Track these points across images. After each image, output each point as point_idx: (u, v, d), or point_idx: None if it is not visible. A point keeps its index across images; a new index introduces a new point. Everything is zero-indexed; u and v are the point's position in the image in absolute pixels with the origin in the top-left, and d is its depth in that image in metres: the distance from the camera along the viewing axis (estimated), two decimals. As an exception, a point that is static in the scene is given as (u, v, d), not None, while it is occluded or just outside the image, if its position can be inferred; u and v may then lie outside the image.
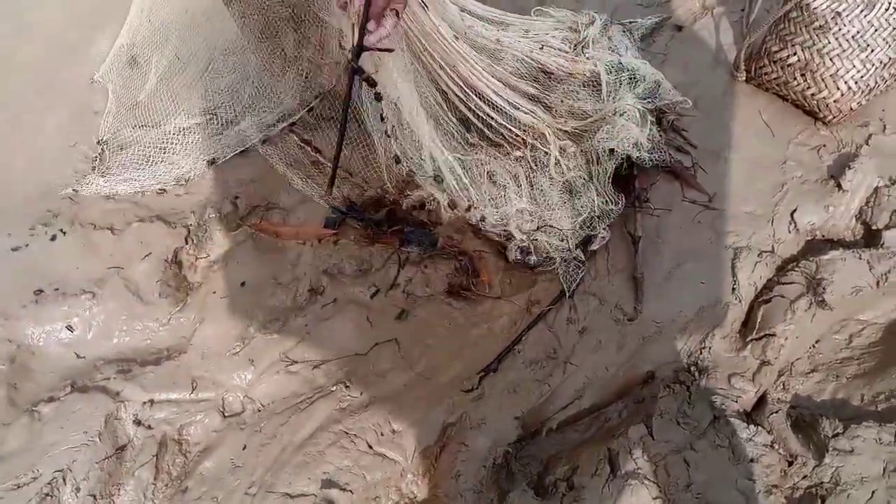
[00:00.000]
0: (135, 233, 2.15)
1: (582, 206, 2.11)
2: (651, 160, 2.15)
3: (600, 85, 2.27)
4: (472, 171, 2.15)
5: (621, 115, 2.15)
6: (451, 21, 2.04)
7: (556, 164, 2.15)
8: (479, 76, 2.07)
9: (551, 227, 2.09)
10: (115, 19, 2.68)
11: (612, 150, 2.12)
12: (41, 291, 2.03)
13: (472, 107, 2.12)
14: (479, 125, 2.18)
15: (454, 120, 2.18)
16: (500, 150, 2.21)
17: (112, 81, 2.47)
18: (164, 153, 2.28)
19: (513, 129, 2.18)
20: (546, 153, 2.17)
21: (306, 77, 2.18)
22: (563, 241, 2.08)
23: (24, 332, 1.98)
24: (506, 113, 2.16)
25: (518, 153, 2.19)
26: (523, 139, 2.19)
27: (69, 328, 2.00)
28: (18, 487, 1.75)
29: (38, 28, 2.69)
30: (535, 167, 2.18)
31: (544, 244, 2.07)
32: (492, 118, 2.15)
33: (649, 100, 2.26)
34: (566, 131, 2.22)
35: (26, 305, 2.01)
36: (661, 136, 2.23)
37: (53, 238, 2.13)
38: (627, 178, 2.21)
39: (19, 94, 2.49)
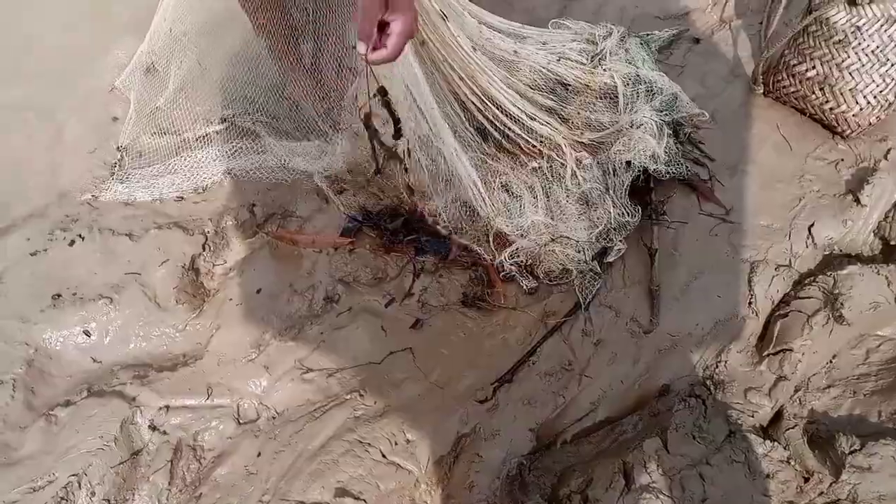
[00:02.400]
0: (153, 239, 2.16)
1: (598, 218, 2.11)
2: (668, 173, 2.15)
3: (617, 97, 2.27)
4: (489, 182, 2.16)
5: (638, 127, 2.16)
6: (470, 33, 2.05)
7: (572, 175, 2.15)
8: (497, 87, 2.07)
9: (567, 238, 2.08)
10: (130, 30, 2.69)
11: (628, 163, 2.12)
12: (59, 296, 2.05)
13: (490, 117, 2.13)
14: (497, 135, 2.18)
15: (471, 130, 2.18)
16: (517, 161, 2.21)
17: (133, 88, 2.48)
18: (183, 161, 2.30)
19: (530, 139, 2.18)
20: (563, 164, 2.17)
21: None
22: (579, 252, 2.08)
23: (42, 336, 1.99)
24: (523, 124, 2.16)
25: (534, 164, 2.19)
26: (540, 150, 2.20)
27: (86, 333, 2.01)
28: (34, 491, 1.76)
29: (54, 39, 2.72)
30: (551, 178, 2.18)
31: (560, 255, 2.07)
32: (509, 129, 2.16)
33: (666, 112, 2.26)
34: (583, 143, 2.22)
35: (44, 310, 2.02)
36: (677, 148, 2.23)
37: (72, 243, 2.15)
38: (644, 190, 2.21)
39: (38, 102, 2.51)
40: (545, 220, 2.10)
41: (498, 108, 2.12)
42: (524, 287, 2.06)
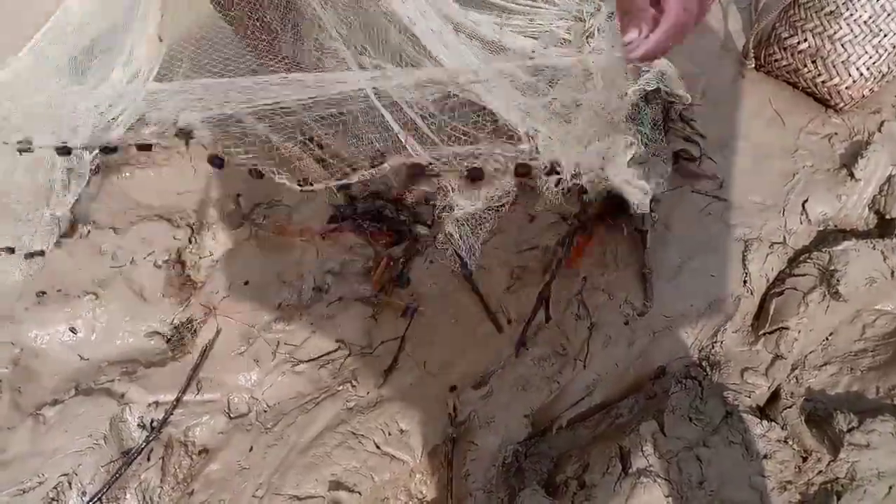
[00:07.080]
0: (137, 232, 2.13)
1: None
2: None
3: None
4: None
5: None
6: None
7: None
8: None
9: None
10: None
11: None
12: (44, 293, 2.01)
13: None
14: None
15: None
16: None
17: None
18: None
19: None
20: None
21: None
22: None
23: (28, 334, 1.96)
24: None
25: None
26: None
27: (72, 330, 1.98)
28: (24, 492, 1.74)
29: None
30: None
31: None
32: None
33: (655, 103, 2.20)
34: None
35: (29, 308, 1.99)
36: (667, 128, 2.18)
37: (55, 239, 2.12)
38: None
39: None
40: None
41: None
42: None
